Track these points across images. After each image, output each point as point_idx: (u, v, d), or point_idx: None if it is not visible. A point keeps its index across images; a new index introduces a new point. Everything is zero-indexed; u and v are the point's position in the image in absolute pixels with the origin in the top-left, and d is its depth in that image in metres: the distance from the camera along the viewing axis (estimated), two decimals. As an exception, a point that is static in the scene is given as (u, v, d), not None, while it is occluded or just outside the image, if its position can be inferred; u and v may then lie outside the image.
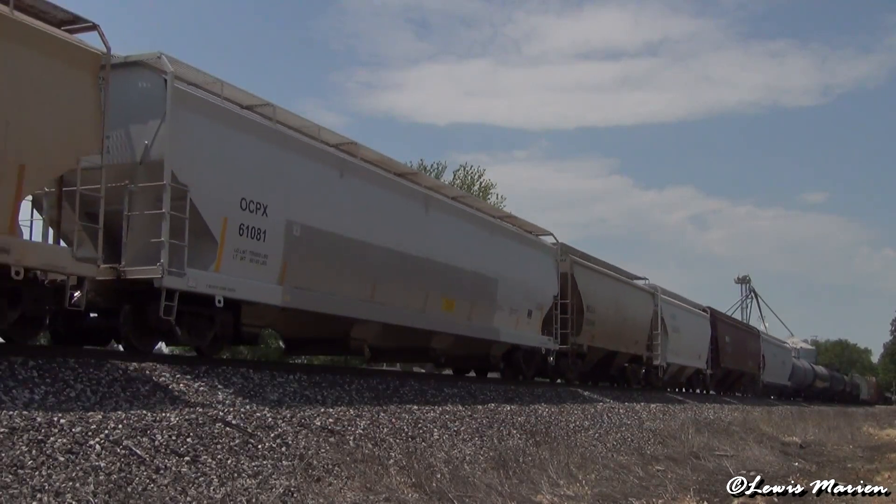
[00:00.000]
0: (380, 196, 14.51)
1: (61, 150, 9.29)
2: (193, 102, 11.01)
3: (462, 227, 17.10)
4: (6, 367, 8.47)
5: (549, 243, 21.31)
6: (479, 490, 9.85)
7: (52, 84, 9.13)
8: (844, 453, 21.44)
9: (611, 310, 23.81)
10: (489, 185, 48.99)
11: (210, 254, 11.04)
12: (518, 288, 19.07)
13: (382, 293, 14.41)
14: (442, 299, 16.22)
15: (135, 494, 7.15)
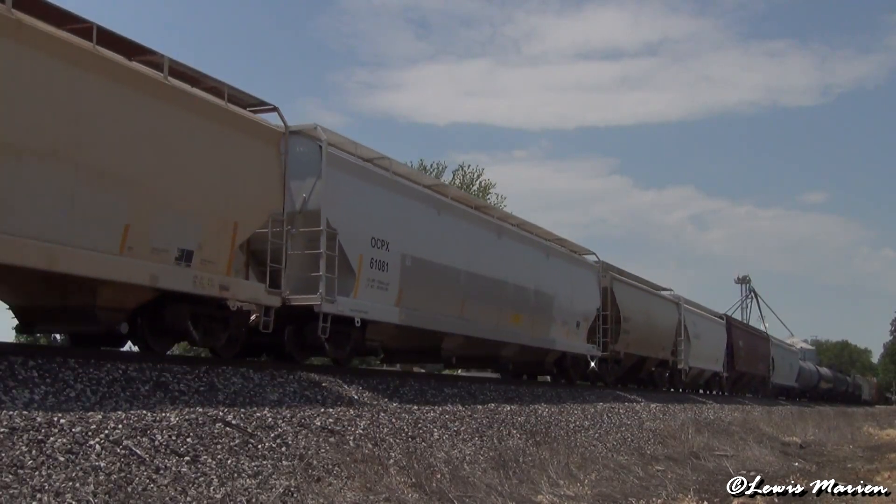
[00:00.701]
0: (465, 228, 17.22)
1: (259, 208, 11.87)
2: (340, 163, 13.67)
3: (525, 251, 19.85)
4: (6, 367, 8.47)
5: (593, 262, 24.07)
6: (479, 490, 9.85)
7: (252, 157, 11.66)
8: (844, 453, 21.45)
9: (642, 319, 26.28)
10: (488, 184, 49.04)
11: (350, 283, 13.56)
12: (569, 302, 21.77)
13: (468, 311, 17.00)
14: (511, 314, 18.85)
15: (135, 494, 7.15)
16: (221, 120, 11.15)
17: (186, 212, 10.57)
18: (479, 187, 48.17)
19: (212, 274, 10.93)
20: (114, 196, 9.61)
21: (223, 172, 11.16)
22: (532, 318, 19.73)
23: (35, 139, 8.72)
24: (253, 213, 11.72)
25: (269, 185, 11.97)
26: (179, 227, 10.46)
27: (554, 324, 20.93)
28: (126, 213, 9.73)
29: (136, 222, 9.86)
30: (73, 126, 9.13)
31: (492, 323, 17.96)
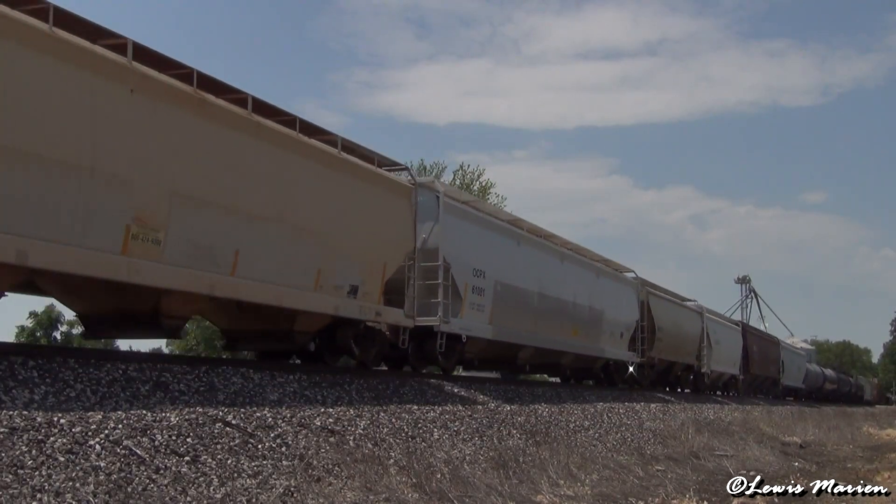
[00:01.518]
0: (537, 255, 20.49)
1: (399, 250, 14.78)
2: (451, 209, 16.72)
3: (581, 273, 23.10)
4: (6, 367, 8.47)
5: (632, 278, 27.40)
6: (479, 490, 9.85)
7: (394, 209, 14.61)
8: (844, 453, 21.46)
9: (673, 329, 29.64)
10: (488, 184, 49.01)
11: (458, 307, 16.49)
12: (614, 316, 24.96)
13: (539, 326, 20.13)
14: (571, 328, 22.04)
15: (135, 494, 7.15)
16: (374, 181, 14.18)
17: (354, 256, 13.50)
18: (480, 188, 48.13)
19: (370, 304, 13.91)
20: (311, 247, 12.47)
21: (376, 223, 14.06)
22: (586, 331, 22.94)
23: (269, 209, 11.65)
24: (396, 254, 14.74)
25: (405, 231, 14.98)
26: (350, 268, 13.39)
27: (603, 335, 24.09)
28: (319, 259, 12.64)
29: (325, 266, 12.77)
30: (287, 196, 11.98)
31: (556, 336, 21.18)
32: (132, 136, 9.62)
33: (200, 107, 10.53)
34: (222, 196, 10.88)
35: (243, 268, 11.07)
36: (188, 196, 10.30)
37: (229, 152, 10.99)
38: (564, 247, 22.44)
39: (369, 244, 13.80)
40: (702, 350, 32.84)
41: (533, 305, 19.80)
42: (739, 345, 39.44)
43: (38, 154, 8.59)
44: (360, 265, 13.57)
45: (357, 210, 13.53)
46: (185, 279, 10.29)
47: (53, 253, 8.71)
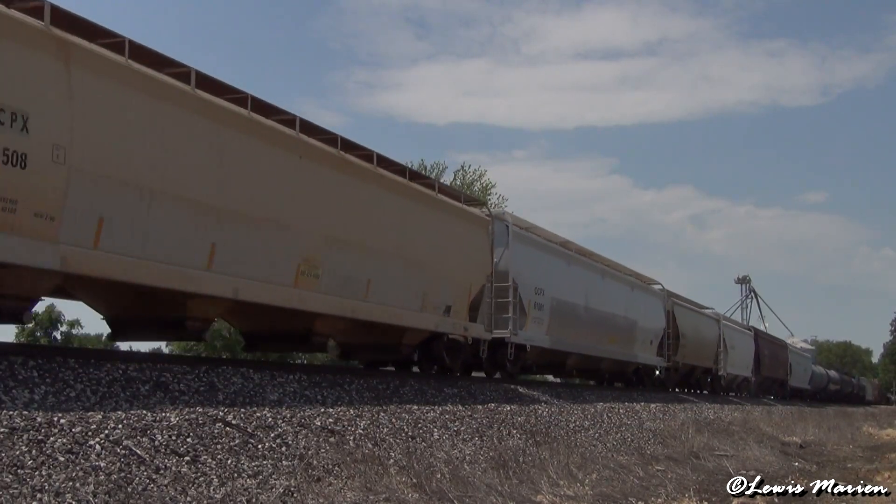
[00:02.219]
0: (582, 273, 23.38)
1: (480, 274, 17.36)
2: (518, 236, 19.46)
3: (618, 287, 25.87)
4: (6, 367, 8.47)
5: (659, 290, 30.47)
6: (479, 490, 9.85)
7: (476, 239, 17.34)
8: (844, 453, 21.45)
9: (694, 335, 32.57)
10: (489, 185, 49.01)
11: (523, 321, 19.23)
12: (645, 325, 27.84)
13: (584, 336, 22.93)
14: (609, 337, 24.79)
15: (135, 494, 7.15)
16: (461, 216, 16.94)
17: (448, 281, 16.12)
18: (481, 188, 48.13)
19: (459, 320, 16.60)
20: (419, 275, 15.11)
21: (463, 251, 16.73)
22: (622, 339, 25.78)
23: (391, 245, 14.36)
24: (478, 277, 17.36)
25: (484, 257, 17.70)
26: (445, 291, 16.00)
27: (636, 342, 26.97)
28: (424, 285, 15.29)
29: (428, 291, 15.43)
30: (402, 233, 14.77)
31: (598, 344, 23.93)
32: (301, 194, 12.22)
33: (343, 165, 13.18)
34: (359, 237, 13.53)
35: (373, 294, 13.82)
36: (336, 239, 12.95)
37: (362, 201, 13.62)
38: (603, 263, 25.57)
39: (458, 270, 16.64)
40: (719, 354, 35.66)
41: (580, 318, 22.79)
42: (752, 349, 42.47)
43: (248, 214, 11.24)
44: (452, 288, 16.34)
45: (450, 241, 16.35)
46: (335, 305, 13.03)
47: (254, 289, 11.31)
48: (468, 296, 16.87)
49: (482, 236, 17.61)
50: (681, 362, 30.96)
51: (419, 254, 15.16)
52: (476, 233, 17.39)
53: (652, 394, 25.23)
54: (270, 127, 11.80)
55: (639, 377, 29.00)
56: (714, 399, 32.15)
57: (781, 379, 48.98)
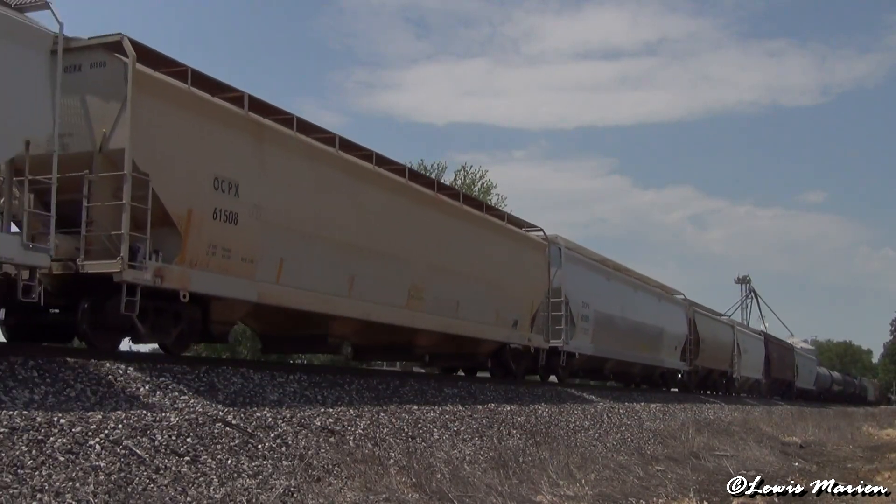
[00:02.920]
0: (619, 287, 26.05)
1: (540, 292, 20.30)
2: (569, 257, 22.10)
3: (647, 298, 28.70)
4: (6, 367, 8.47)
5: (681, 299, 33.28)
6: (479, 490, 9.85)
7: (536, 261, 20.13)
8: (844, 453, 21.44)
9: (712, 340, 35.26)
10: (489, 185, 48.96)
11: (573, 331, 21.89)
12: (671, 332, 30.47)
13: (621, 344, 25.61)
14: (641, 344, 27.46)
15: (135, 494, 7.15)
16: (525, 242, 19.81)
17: (516, 299, 18.81)
18: (481, 188, 48.10)
19: (524, 332, 19.23)
20: (494, 295, 17.80)
21: (526, 272, 19.48)
22: (651, 345, 28.46)
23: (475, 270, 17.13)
24: (538, 294, 19.95)
25: (543, 276, 20.37)
26: (513, 307, 18.66)
27: (662, 348, 29.64)
28: (498, 302, 18.01)
29: (500, 307, 18.14)
30: (483, 259, 17.55)
31: (631, 350, 26.53)
32: (411, 231, 15.06)
33: (439, 204, 16.24)
34: (451, 264, 16.29)
35: (461, 312, 16.53)
36: (436, 267, 15.74)
37: (453, 234, 16.53)
38: (635, 277, 28.46)
39: (523, 289, 19.36)
40: (734, 358, 38.31)
41: (617, 327, 25.23)
42: (762, 352, 44.93)
43: (376, 250, 13.99)
44: (518, 305, 19.03)
45: (517, 264, 19.09)
46: (434, 322, 15.74)
47: (380, 311, 14.11)
48: (531, 311, 19.75)
49: (541, 258, 20.42)
50: (700, 366, 33.65)
51: (494, 276, 18.12)
52: (536, 255, 20.23)
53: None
54: (388, 177, 14.63)
55: (664, 380, 31.68)
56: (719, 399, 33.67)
57: (789, 380, 51.18)
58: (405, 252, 14.80)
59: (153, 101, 10.05)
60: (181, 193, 10.37)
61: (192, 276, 10.42)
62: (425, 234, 15.49)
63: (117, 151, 9.66)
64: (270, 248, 11.67)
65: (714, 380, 37.01)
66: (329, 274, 12.90)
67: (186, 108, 10.60)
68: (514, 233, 19.45)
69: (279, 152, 12.06)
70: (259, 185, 11.49)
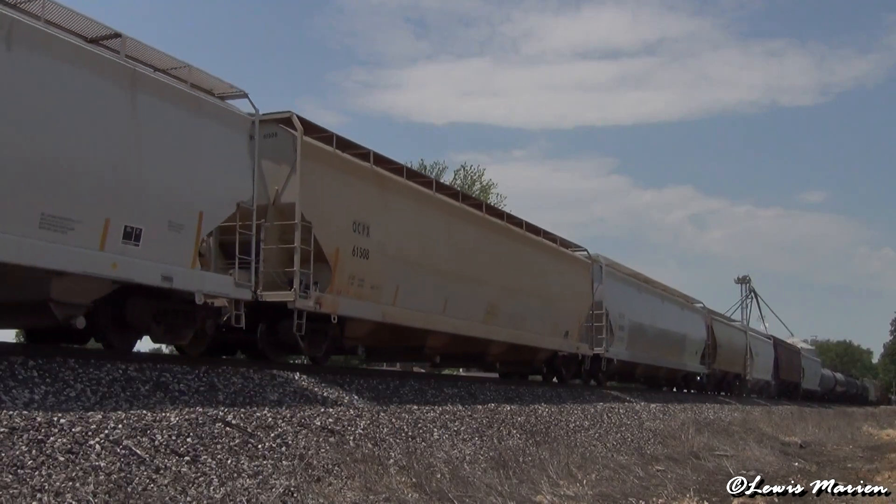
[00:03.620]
0: (649, 298, 28.81)
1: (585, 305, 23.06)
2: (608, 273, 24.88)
3: (673, 308, 31.45)
4: (6, 367, 8.47)
5: (700, 307, 35.51)
6: (479, 490, 9.85)
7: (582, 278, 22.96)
8: (844, 453, 21.43)
9: (728, 345, 37.96)
10: (489, 185, 49.01)
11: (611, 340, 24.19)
12: (692, 338, 33.15)
13: (651, 350, 28.19)
14: (667, 350, 30.09)
15: (135, 494, 7.15)
16: (573, 262, 22.74)
17: (567, 312, 21.85)
18: (481, 188, 48.13)
19: (573, 341, 22.18)
20: (551, 309, 20.84)
21: (575, 289, 22.39)
22: (675, 351, 31.22)
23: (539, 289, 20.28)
24: (584, 307, 22.88)
25: (587, 291, 23.18)
26: (565, 320, 21.67)
27: (685, 353, 32.43)
28: (554, 316, 20.98)
29: (556, 320, 21.16)
30: (544, 279, 20.62)
31: (659, 356, 29.12)
32: (488, 257, 17.79)
33: (508, 233, 19.25)
34: (518, 284, 19.13)
35: (526, 325, 19.45)
36: (506, 287, 18.59)
37: (519, 257, 19.43)
38: (661, 289, 31.13)
39: (573, 303, 22.23)
40: (746, 361, 40.95)
41: (647, 335, 27.76)
42: (772, 355, 47.63)
43: (464, 275, 16.76)
44: (568, 317, 21.88)
45: (568, 281, 21.95)
46: (506, 335, 18.59)
47: (465, 326, 16.84)
48: (578, 322, 22.64)
49: (586, 276, 23.22)
50: (717, 369, 36.36)
51: (551, 293, 20.94)
52: (582, 273, 23.08)
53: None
54: (470, 211, 17.68)
55: (686, 382, 34.80)
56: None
57: (796, 382, 53.73)
58: (484, 275, 17.61)
59: (313, 164, 12.65)
60: (331, 236, 13.00)
61: (339, 302, 13.08)
62: (498, 258, 18.37)
63: (289, 205, 12.26)
64: (390, 277, 14.38)
65: (729, 381, 39.48)
66: (430, 296, 15.66)
67: (334, 167, 13.31)
68: (565, 254, 22.41)
69: (396, 198, 14.84)
70: (382, 226, 14.21)
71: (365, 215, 13.67)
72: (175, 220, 10.20)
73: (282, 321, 12.35)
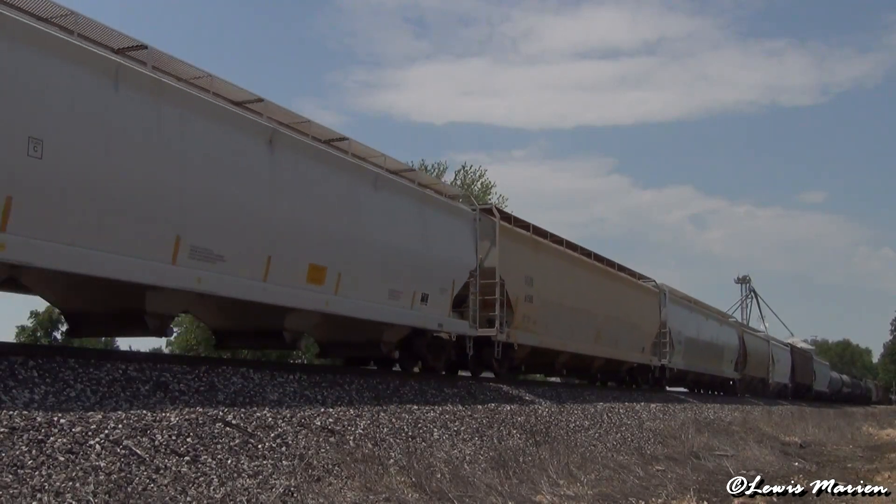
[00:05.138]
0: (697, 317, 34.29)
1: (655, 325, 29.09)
2: (670, 298, 30.21)
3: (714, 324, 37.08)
4: (6, 367, 8.47)
5: (734, 322, 43.74)
6: (479, 490, 9.85)
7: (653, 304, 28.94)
8: (844, 453, 21.43)
9: (756, 354, 44.15)
10: (489, 185, 48.95)
11: (672, 352, 29.62)
12: (728, 348, 38.98)
13: (698, 359, 33.61)
14: (711, 359, 36.17)
15: (135, 494, 7.15)
16: (646, 291, 28.27)
17: (642, 332, 27.30)
18: (481, 188, 48.08)
19: (647, 355, 27.94)
20: (633, 329, 26.26)
21: (647, 313, 27.91)
22: (717, 360, 36.98)
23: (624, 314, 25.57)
24: (654, 327, 28.48)
25: (656, 315, 28.81)
26: (642, 337, 27.28)
27: (723, 361, 38.09)
28: (636, 334, 26.46)
29: (636, 339, 26.57)
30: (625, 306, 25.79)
31: (706, 364, 35.08)
32: (597, 294, 23.47)
33: (605, 273, 24.83)
34: (614, 312, 24.70)
35: (619, 344, 24.95)
36: (608, 316, 24.16)
37: (613, 291, 25.02)
38: (704, 307, 36.14)
39: (647, 324, 27.92)
40: (769, 367, 47.19)
41: (697, 348, 33.35)
42: (789, 361, 53.19)
43: (585, 310, 22.48)
44: (644, 336, 27.70)
45: (641, 306, 27.50)
46: (605, 351, 24.18)
47: (585, 347, 22.63)
48: (651, 340, 28.30)
49: (655, 302, 28.99)
50: (747, 374, 42.18)
51: (633, 318, 26.47)
52: (653, 300, 28.81)
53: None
54: (583, 259, 23.41)
55: (722, 386, 40.55)
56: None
57: (808, 384, 59.49)
58: (594, 308, 23.35)
59: (503, 238, 18.20)
60: (513, 287, 18.44)
61: (518, 335, 18.63)
62: (602, 294, 23.96)
63: (490, 268, 17.76)
64: (545, 315, 19.99)
65: (755, 385, 45.27)
66: (566, 327, 21.24)
67: (513, 240, 18.91)
68: (642, 286, 28.10)
69: (546, 256, 20.71)
70: (540, 277, 19.89)
71: (530, 270, 19.48)
72: (443, 287, 15.74)
73: (485, 348, 17.66)
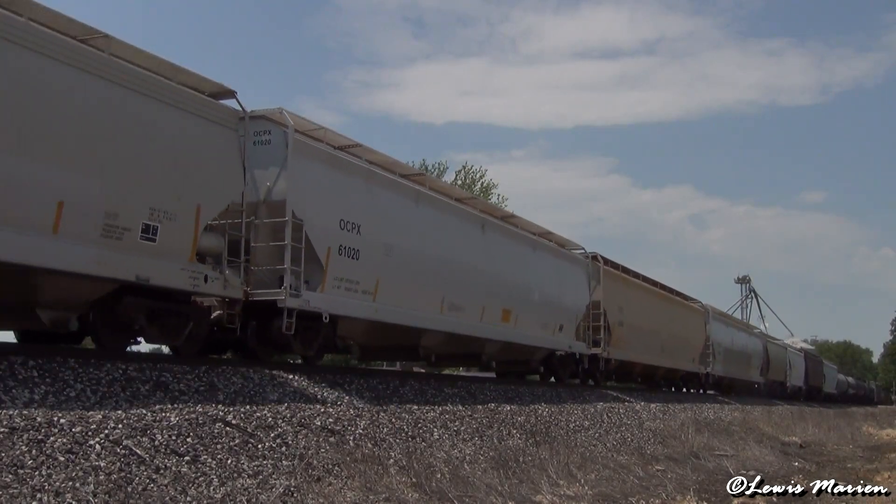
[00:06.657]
0: (729, 329, 39.15)
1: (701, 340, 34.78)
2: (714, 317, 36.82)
3: (744, 335, 43.03)
4: (6, 367, 8.47)
5: (758, 332, 49.39)
6: (479, 490, 9.85)
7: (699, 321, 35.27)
8: (844, 453, 21.44)
9: (776, 359, 49.58)
10: (490, 185, 48.96)
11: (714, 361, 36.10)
12: (755, 356, 44.32)
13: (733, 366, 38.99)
14: (743, 366, 41.49)
15: (135, 494, 7.15)
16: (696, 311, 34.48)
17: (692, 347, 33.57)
18: (482, 188, 48.08)
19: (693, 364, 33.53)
20: (686, 345, 32.59)
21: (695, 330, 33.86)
22: (747, 366, 42.38)
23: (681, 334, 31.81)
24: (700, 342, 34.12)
25: (702, 331, 34.32)
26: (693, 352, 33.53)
27: (752, 368, 43.66)
28: (688, 349, 33.03)
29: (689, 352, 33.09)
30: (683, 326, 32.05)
31: (739, 371, 40.24)
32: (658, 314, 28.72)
33: (664, 297, 30.39)
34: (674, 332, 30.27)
35: (676, 357, 30.33)
36: (670, 334, 29.69)
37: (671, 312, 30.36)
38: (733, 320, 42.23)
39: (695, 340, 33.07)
40: (787, 371, 52.43)
41: (733, 356, 38.69)
42: (803, 366, 57.98)
43: (656, 331, 28.30)
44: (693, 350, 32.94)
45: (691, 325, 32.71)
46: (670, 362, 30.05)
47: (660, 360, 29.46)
48: (699, 351, 33.49)
49: (702, 319, 34.33)
50: (770, 378, 47.51)
51: (684, 332, 31.52)
52: (699, 318, 34.10)
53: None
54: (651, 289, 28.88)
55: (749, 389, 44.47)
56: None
57: (818, 386, 63.79)
58: (659, 328, 28.03)
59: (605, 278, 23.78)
60: (611, 316, 24.33)
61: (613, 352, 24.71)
62: (664, 316, 28.94)
63: (596, 301, 23.07)
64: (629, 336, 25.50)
65: (775, 388, 50.03)
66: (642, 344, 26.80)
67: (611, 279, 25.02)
68: (691, 307, 33.58)
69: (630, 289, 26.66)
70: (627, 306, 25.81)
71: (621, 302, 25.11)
72: (570, 318, 21.43)
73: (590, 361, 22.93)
